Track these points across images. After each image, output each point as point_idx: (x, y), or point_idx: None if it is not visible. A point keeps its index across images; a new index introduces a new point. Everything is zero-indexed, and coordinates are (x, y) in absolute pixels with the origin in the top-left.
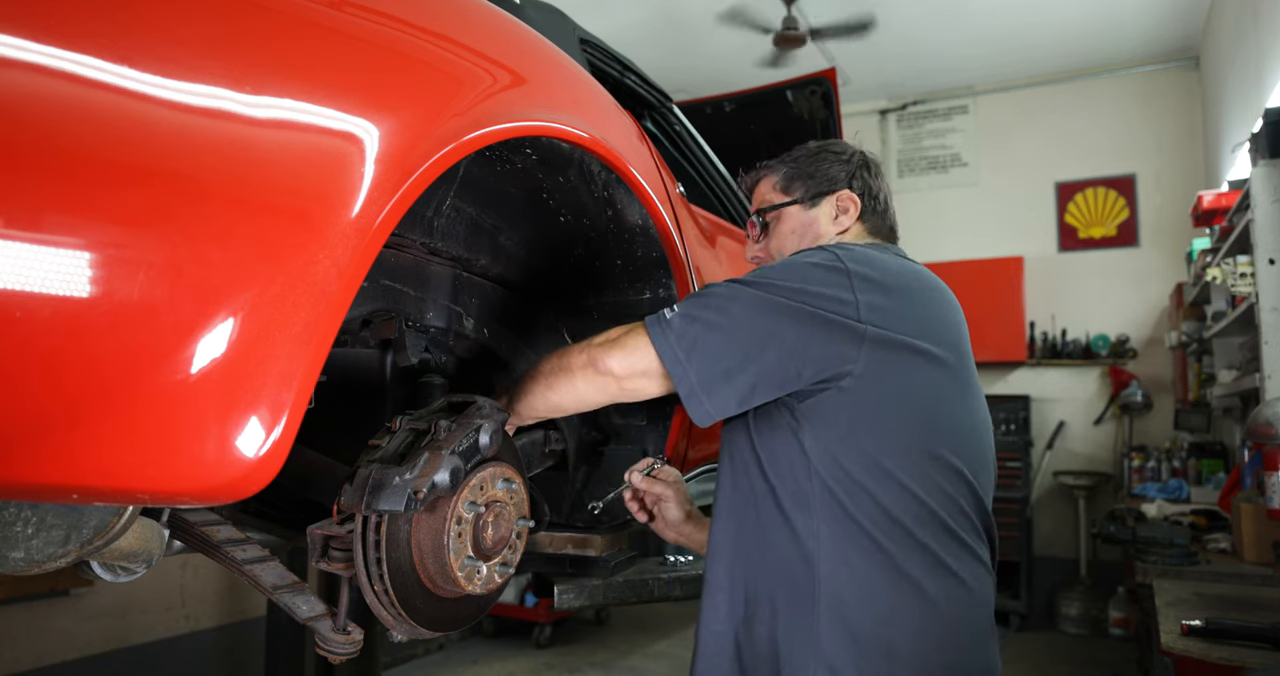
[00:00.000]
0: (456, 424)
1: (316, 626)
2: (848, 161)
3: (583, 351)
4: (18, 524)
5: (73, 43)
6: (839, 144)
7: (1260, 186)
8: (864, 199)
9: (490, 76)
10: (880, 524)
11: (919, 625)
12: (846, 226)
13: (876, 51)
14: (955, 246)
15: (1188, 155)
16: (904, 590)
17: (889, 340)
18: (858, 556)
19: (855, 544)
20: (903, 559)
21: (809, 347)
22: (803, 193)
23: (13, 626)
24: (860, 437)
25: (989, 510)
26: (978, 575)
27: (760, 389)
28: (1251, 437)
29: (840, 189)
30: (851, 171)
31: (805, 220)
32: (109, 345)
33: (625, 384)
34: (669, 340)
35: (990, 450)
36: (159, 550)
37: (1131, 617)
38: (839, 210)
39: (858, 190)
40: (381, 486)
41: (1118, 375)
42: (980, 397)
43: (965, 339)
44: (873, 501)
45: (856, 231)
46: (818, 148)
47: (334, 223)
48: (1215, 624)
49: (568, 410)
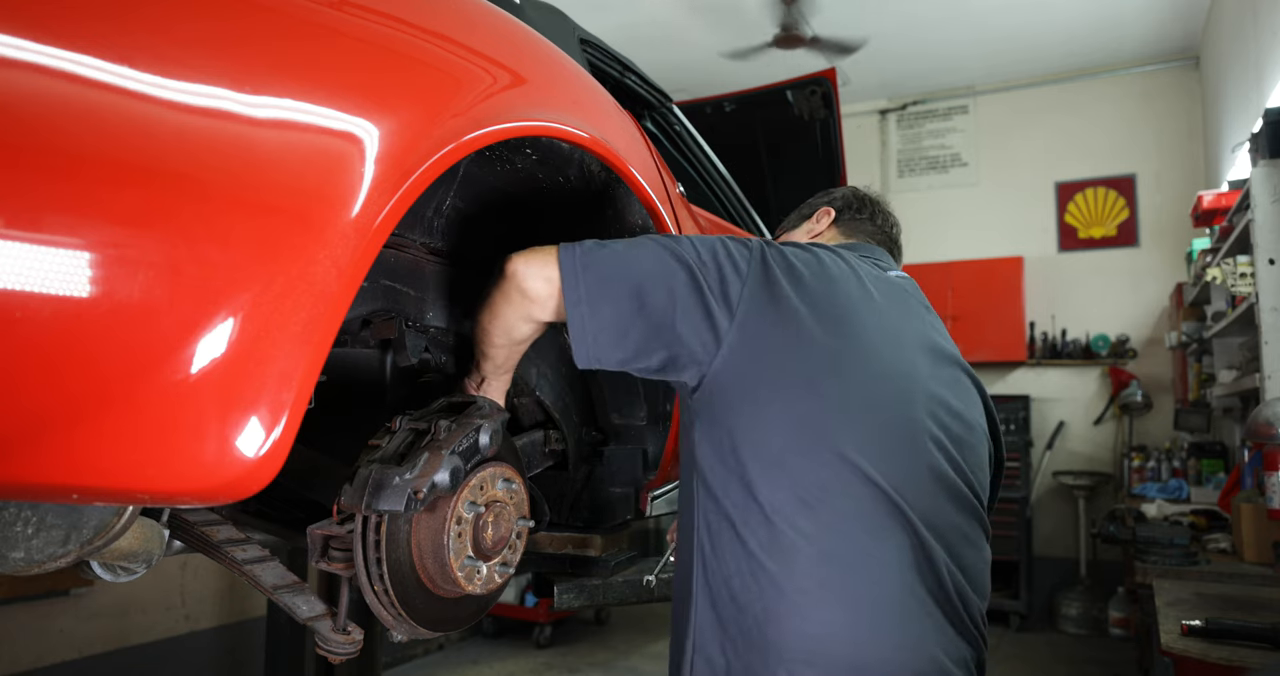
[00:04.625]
0: (456, 424)
1: (316, 626)
2: (837, 196)
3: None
4: (18, 524)
5: (73, 43)
6: (837, 188)
7: (1260, 186)
8: (841, 209)
9: (490, 76)
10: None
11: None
12: (818, 231)
13: (876, 51)
14: (955, 246)
15: (1188, 155)
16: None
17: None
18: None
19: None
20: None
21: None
22: (790, 225)
23: (13, 626)
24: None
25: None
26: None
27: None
28: (1251, 437)
29: (819, 209)
30: (835, 196)
31: (784, 238)
32: (109, 345)
33: (526, 288)
34: (574, 254)
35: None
36: (159, 550)
37: (1131, 617)
38: (814, 221)
39: (837, 207)
40: (381, 486)
41: (1118, 375)
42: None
43: (908, 347)
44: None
45: (829, 235)
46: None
47: (334, 223)
48: (1215, 624)
49: (495, 339)
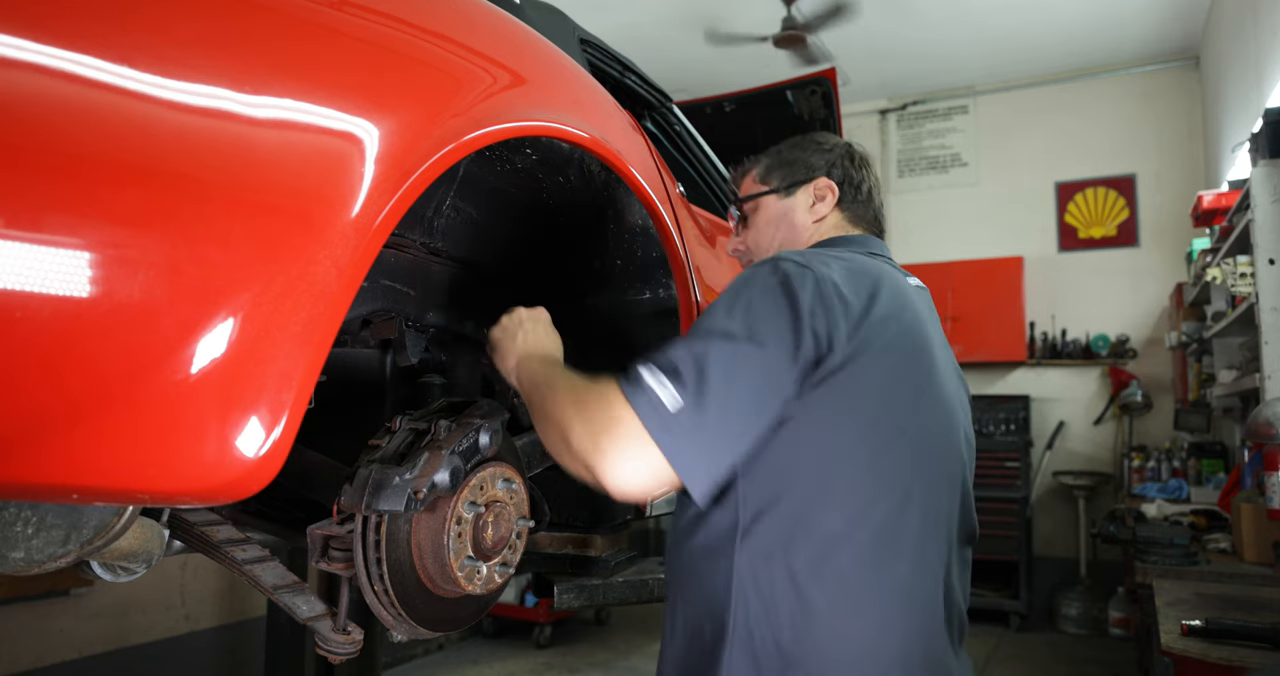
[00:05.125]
0: (456, 424)
1: (316, 626)
2: (829, 150)
3: (584, 431)
4: (18, 524)
5: (73, 43)
6: (824, 135)
7: (1260, 186)
8: (843, 187)
9: (490, 76)
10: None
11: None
12: (823, 215)
13: (876, 51)
14: (955, 246)
15: (1188, 155)
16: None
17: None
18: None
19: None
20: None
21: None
22: (779, 181)
23: (13, 626)
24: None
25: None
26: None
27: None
28: (1251, 437)
29: (817, 177)
30: (832, 160)
31: (781, 209)
32: (109, 345)
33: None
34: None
35: (952, 434)
36: (159, 550)
37: (1131, 617)
38: (815, 198)
39: (837, 178)
40: (381, 486)
41: (1118, 375)
42: (943, 387)
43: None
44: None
45: (834, 221)
46: (802, 138)
47: (334, 223)
48: (1215, 624)
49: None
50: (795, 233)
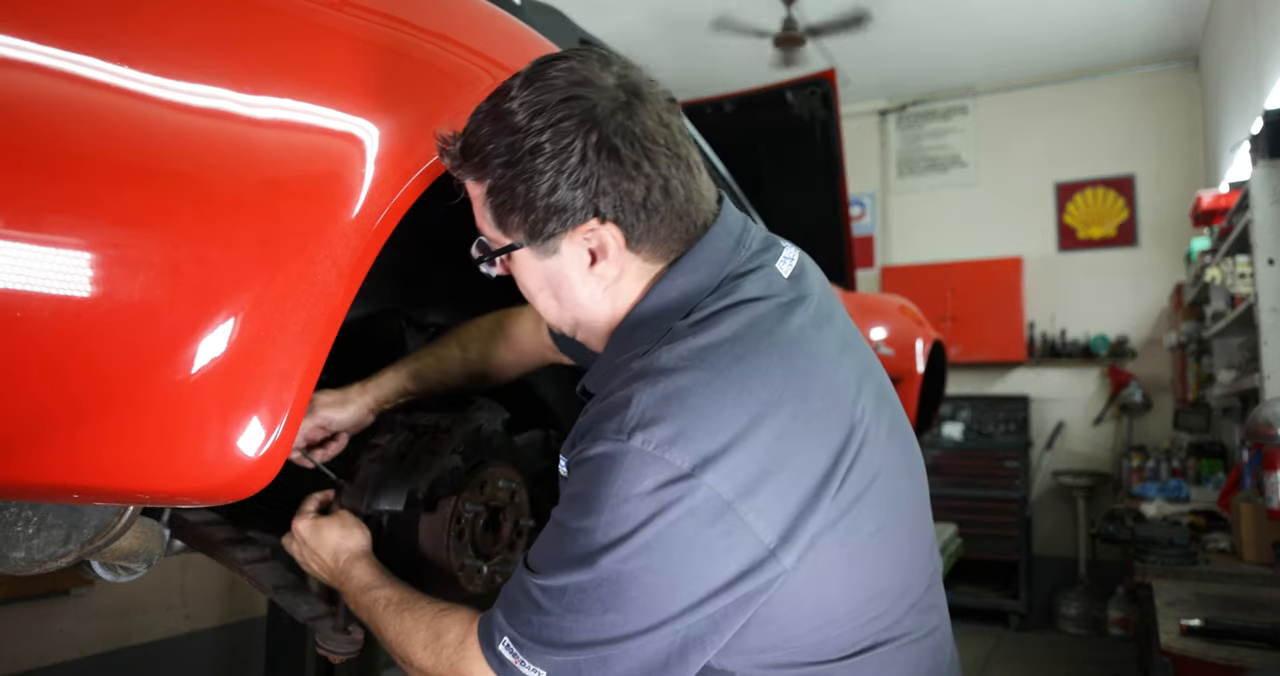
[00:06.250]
0: (456, 423)
1: (317, 626)
2: (568, 170)
3: (430, 652)
4: (18, 523)
5: (73, 43)
6: (538, 121)
7: (1260, 187)
8: (625, 216)
9: (490, 77)
10: None
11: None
12: (616, 274)
13: (876, 51)
14: (954, 247)
15: (1187, 155)
16: None
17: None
18: None
19: None
20: None
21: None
22: (525, 234)
23: (13, 626)
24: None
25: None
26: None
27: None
28: (1251, 438)
29: (580, 223)
30: (582, 181)
31: (549, 273)
32: (110, 345)
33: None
34: None
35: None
36: (159, 550)
37: (1131, 617)
38: (591, 254)
39: (609, 209)
40: (381, 486)
41: (1117, 375)
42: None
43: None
44: None
45: (636, 270)
46: (510, 142)
47: (334, 223)
48: (1215, 624)
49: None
50: (587, 311)
